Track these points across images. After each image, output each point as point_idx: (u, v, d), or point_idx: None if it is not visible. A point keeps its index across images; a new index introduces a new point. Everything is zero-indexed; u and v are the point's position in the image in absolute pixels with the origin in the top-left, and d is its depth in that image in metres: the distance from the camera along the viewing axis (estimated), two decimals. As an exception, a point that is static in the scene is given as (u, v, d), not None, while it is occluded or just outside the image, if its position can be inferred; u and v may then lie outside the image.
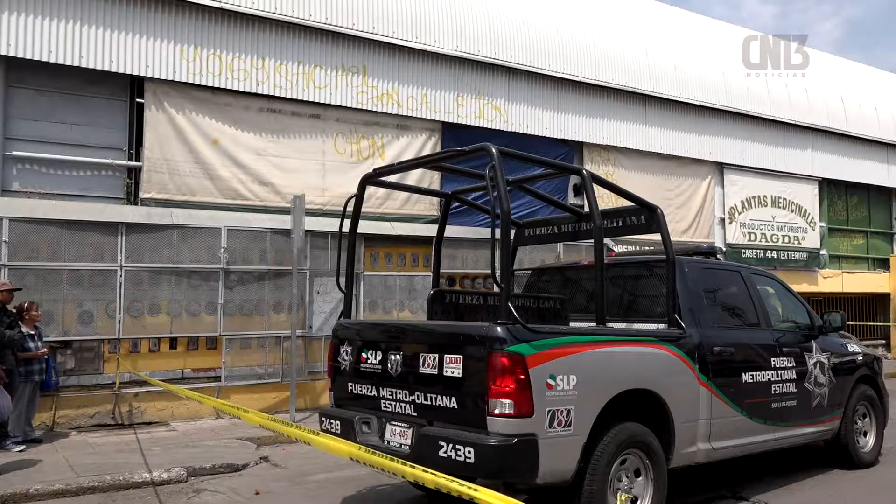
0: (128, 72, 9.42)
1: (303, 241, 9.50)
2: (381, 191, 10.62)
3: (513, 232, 6.64)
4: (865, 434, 7.16)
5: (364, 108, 11.02)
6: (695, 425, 5.34)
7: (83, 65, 9.13)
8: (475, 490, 2.94)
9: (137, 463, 6.87)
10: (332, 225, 9.54)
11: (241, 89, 10.11)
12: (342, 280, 5.71)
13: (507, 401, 4.22)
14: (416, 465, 3.48)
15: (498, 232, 4.45)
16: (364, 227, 9.85)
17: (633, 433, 4.82)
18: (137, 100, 9.71)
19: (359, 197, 5.71)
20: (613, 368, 4.81)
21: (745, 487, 6.20)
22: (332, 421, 5.30)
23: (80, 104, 9.43)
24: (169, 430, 8.64)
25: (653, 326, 5.65)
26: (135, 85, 9.72)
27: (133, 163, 9.67)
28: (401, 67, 11.36)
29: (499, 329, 4.31)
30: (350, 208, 5.68)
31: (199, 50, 9.79)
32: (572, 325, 5.99)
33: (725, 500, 5.89)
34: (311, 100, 10.62)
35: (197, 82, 9.81)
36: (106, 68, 9.27)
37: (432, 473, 3.18)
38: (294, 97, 10.48)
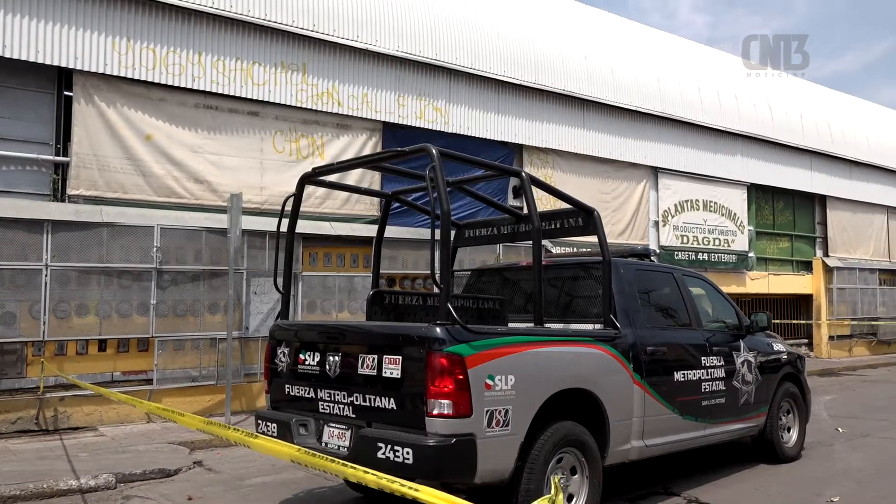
0: (55, 63, 9.06)
1: (240, 240, 9.32)
2: (321, 190, 10.50)
3: (453, 233, 6.67)
4: (789, 430, 7.45)
5: (304, 106, 10.89)
6: (629, 423, 5.46)
7: (7, 55, 8.73)
8: (416, 490, 2.94)
9: (63, 470, 6.61)
10: (270, 224, 9.39)
11: (177, 84, 9.84)
12: (280, 280, 5.63)
13: (446, 401, 4.23)
14: (357, 467, 3.45)
15: (438, 233, 4.46)
16: (303, 226, 9.83)
17: (570, 432, 4.90)
18: (65, 93, 9.36)
19: (297, 196, 5.64)
20: (551, 368, 4.88)
21: (675, 483, 6.37)
22: (268, 423, 5.21)
23: (4, 96, 9.02)
24: (97, 436, 8.34)
25: (589, 327, 5.75)
26: (63, 77, 9.36)
27: (60, 158, 9.31)
28: (341, 66, 11.27)
29: (438, 330, 4.32)
30: (288, 207, 5.61)
31: (132, 43, 9.50)
32: (511, 325, 6.04)
33: (657, 495, 6.04)
34: (249, 97, 10.42)
35: (129, 76, 9.50)
36: (32, 59, 8.89)
37: (374, 474, 3.17)
38: (232, 94, 10.27)
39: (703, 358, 6.31)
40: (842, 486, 6.34)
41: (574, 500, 4.97)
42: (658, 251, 15.27)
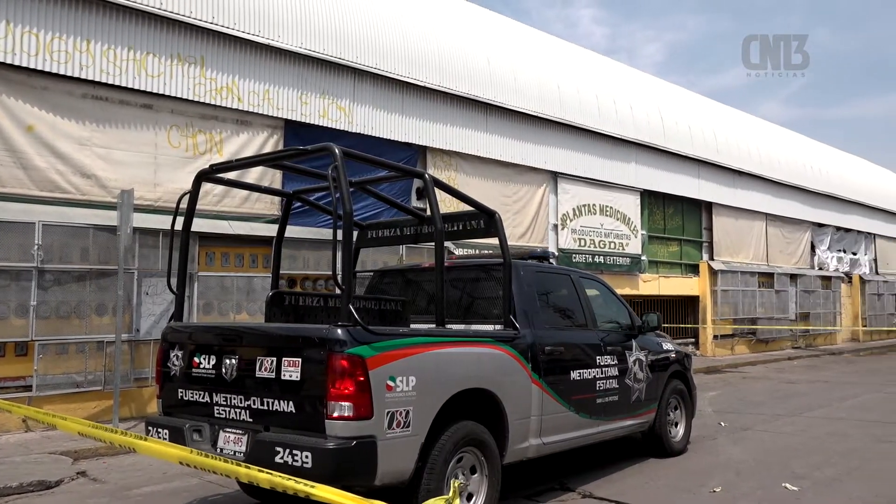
0: (-77, 45, 8.37)
1: (130, 238, 8.91)
2: (219, 188, 10.16)
3: (355, 234, 6.62)
4: (676, 425, 7.83)
5: (202, 100, 10.51)
6: (527, 422, 5.58)
7: None
8: (312, 486, 2.89)
9: (-72, 485, 6.11)
10: (163, 222, 8.99)
11: (62, 73, 9.27)
12: (174, 281, 5.42)
13: (347, 403, 4.19)
14: (250, 466, 3.36)
15: (340, 233, 4.42)
16: (199, 225, 9.50)
17: (470, 431, 4.95)
18: (-65, 77, 8.67)
19: (193, 193, 5.44)
20: (452, 369, 4.92)
21: (571, 479, 6.56)
22: (159, 429, 5.00)
23: None
24: (-32, 447, 7.76)
25: (490, 327, 5.84)
26: (-68, 60, 8.66)
27: (-72, 147, 8.60)
28: (242, 61, 10.96)
29: (339, 331, 4.28)
30: (184, 205, 5.40)
31: (12, 26, 8.88)
32: (413, 326, 6.05)
33: (553, 491, 6.21)
34: (142, 88, 9.95)
35: (8, 62, 8.88)
36: None
37: (268, 473, 3.10)
38: (123, 85, 9.77)
39: (597, 357, 6.53)
40: (724, 476, 6.71)
41: (473, 498, 5.03)
42: (557, 254, 15.69)
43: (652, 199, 19.18)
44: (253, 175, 10.50)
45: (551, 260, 7.41)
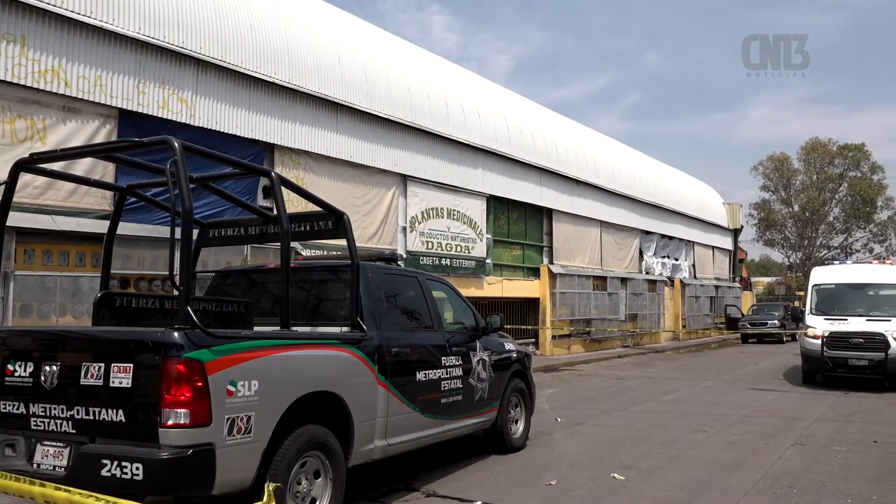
0: None
1: (-67, 232, 7.95)
2: (42, 179, 9.31)
3: (195, 232, 6.33)
4: (517, 422, 8.14)
5: (22, 83, 9.57)
6: (373, 424, 5.58)
7: None
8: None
9: None
10: (-26, 215, 8.11)
11: None
12: (-16, 280, 4.90)
13: (183, 410, 3.99)
14: (71, 489, 3.10)
15: (179, 231, 4.20)
16: (16, 219, 8.67)
17: (314, 435, 4.88)
18: None
19: (10, 184, 4.96)
20: (296, 372, 4.83)
21: (416, 479, 6.64)
22: (-36, 446, 4.50)
23: None
24: None
25: (337, 329, 5.79)
26: None
27: None
28: (71, 43, 10.11)
29: (175, 334, 4.06)
30: (-2, 197, 4.90)
31: None
32: (256, 329, 5.87)
33: (398, 492, 6.25)
34: (-50, 66, 8.94)
35: None
36: None
37: (65, 490, 2.85)
38: (-74, 60, 8.73)
39: (443, 358, 6.65)
40: (559, 470, 7.06)
41: (317, 503, 4.95)
42: (405, 256, 15.83)
43: (497, 205, 19.84)
44: (82, 167, 9.72)
45: (399, 262, 7.48)
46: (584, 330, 22.96)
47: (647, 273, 28.21)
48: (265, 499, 2.67)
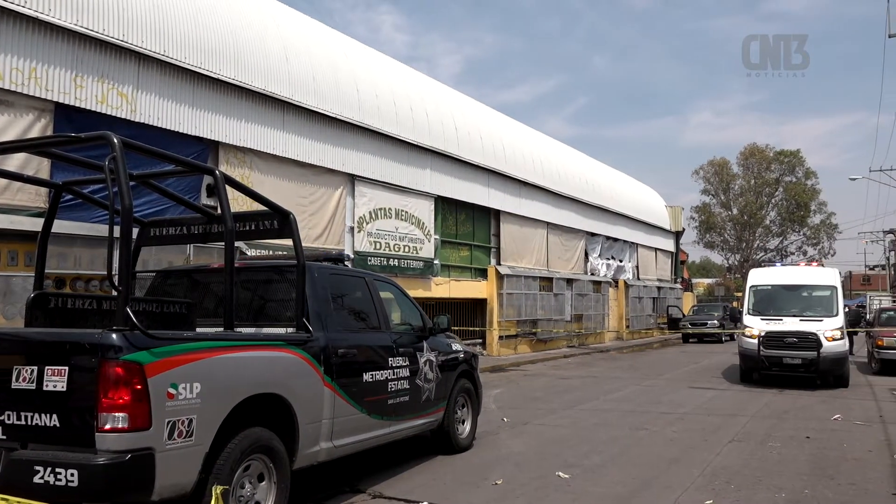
0: None
1: None
2: (-29, 175, 8.94)
3: (136, 231, 6.17)
4: (464, 422, 8.17)
5: (-50, 74, 9.19)
6: (318, 426, 5.53)
7: None
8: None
9: None
10: None
11: None
12: None
13: (121, 414, 3.88)
14: (9, 498, 2.98)
15: (118, 230, 4.08)
16: (-56, 216, 8.28)
17: (258, 438, 4.81)
18: None
19: (-64, 180, 4.74)
20: (240, 374, 4.74)
21: (362, 480, 6.60)
22: None
23: None
24: None
25: (282, 330, 5.72)
26: None
27: None
28: (3, 33, 9.70)
29: (114, 336, 3.95)
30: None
31: None
32: (199, 330, 5.75)
33: (344, 494, 6.20)
34: None
35: None
36: None
37: (17, 501, 2.76)
38: None
39: (390, 359, 6.63)
40: (505, 469, 7.12)
41: (260, 507, 4.88)
42: (353, 256, 15.72)
43: (445, 206, 19.88)
44: (15, 162, 9.35)
45: (346, 262, 7.42)
46: (531, 330, 23.19)
47: (592, 274, 28.67)
48: (212, 502, 2.61)
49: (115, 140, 4.16)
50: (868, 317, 26.48)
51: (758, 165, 60.57)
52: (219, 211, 5.22)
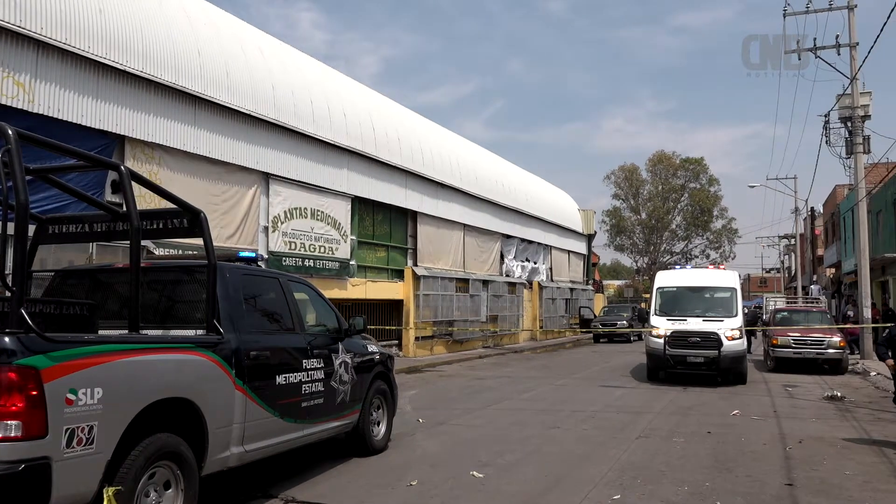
0: None
1: None
2: None
3: (33, 228, 5.85)
4: (379, 424, 8.13)
5: None
6: (229, 430, 5.38)
7: None
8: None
9: None
10: None
11: None
12: None
13: (14, 422, 3.67)
14: None
15: (12, 226, 3.85)
16: None
17: (165, 444, 4.64)
18: None
19: None
20: (145, 378, 4.56)
21: (275, 485, 6.47)
22: None
23: None
24: None
25: (191, 333, 5.55)
26: None
27: None
28: None
29: (7, 339, 3.73)
30: None
31: None
32: (101, 333, 5.50)
33: (256, 500, 6.06)
34: None
35: None
36: None
37: None
38: None
39: (304, 361, 6.53)
40: (420, 470, 7.13)
41: (167, 516, 4.71)
42: (267, 256, 15.41)
43: (362, 206, 19.76)
44: None
45: (260, 263, 7.26)
46: (447, 331, 23.33)
47: (507, 276, 29.11)
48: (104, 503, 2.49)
49: (10, 131, 3.93)
50: (765, 317, 28.03)
51: (665, 172, 63.09)
52: (124, 208, 5.01)
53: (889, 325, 12.69)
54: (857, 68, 18.92)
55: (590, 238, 41.58)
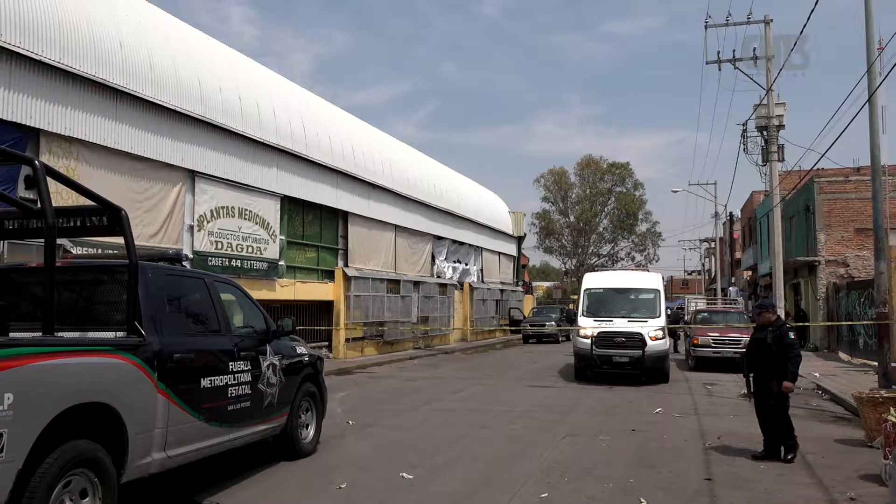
0: None
1: None
2: None
3: (-63, 224, 5.53)
4: (308, 426, 8.01)
5: None
6: (150, 435, 5.21)
7: None
8: None
9: None
10: None
11: None
12: None
13: (-86, 430, 3.44)
14: None
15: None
16: None
17: (81, 451, 4.45)
18: None
19: None
20: (60, 382, 4.36)
21: (200, 491, 6.29)
22: None
23: None
24: None
25: (111, 335, 5.35)
26: None
27: None
28: None
29: None
30: None
31: None
32: (12, 335, 5.24)
33: (179, 507, 5.89)
34: None
35: None
36: None
37: None
38: None
39: (230, 363, 6.37)
40: (349, 472, 7.06)
41: (83, 526, 4.51)
42: (192, 256, 14.98)
43: (292, 206, 19.46)
44: None
45: (184, 262, 7.05)
46: (378, 332, 23.22)
47: (438, 277, 29.19)
48: None
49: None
50: (686, 317, 29.00)
51: (592, 176, 64.56)
52: (38, 205, 4.78)
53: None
54: (772, 80, 19.80)
55: (520, 240, 42.12)
